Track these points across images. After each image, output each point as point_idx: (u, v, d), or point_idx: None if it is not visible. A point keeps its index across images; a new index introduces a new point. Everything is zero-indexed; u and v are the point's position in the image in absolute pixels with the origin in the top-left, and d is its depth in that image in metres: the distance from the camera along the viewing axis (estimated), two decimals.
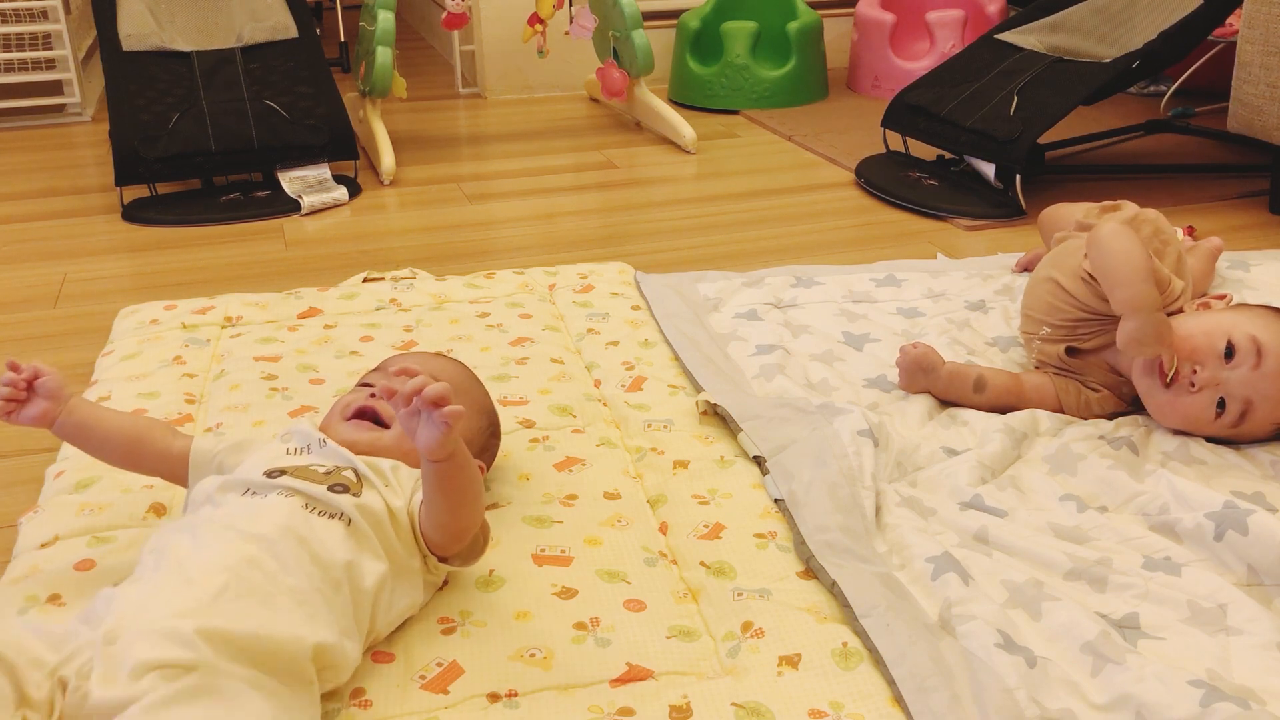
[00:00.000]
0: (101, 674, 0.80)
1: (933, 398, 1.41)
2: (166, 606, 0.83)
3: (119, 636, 0.81)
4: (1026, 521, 1.16)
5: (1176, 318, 1.33)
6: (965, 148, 2.26)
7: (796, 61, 3.08)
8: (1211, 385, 1.25)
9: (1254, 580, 1.07)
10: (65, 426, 1.06)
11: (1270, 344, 1.24)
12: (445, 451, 0.92)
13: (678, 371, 1.50)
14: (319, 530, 0.93)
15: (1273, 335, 1.24)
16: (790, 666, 0.96)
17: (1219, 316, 1.30)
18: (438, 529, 0.99)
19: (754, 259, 1.97)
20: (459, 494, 0.96)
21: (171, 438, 1.09)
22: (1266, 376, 1.23)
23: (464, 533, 1.00)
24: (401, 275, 1.84)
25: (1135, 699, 0.91)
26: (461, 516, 0.99)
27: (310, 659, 0.86)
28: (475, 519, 1.00)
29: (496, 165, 2.64)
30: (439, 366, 1.18)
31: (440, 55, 3.94)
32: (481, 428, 1.18)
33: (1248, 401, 1.24)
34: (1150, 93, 3.08)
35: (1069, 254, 1.46)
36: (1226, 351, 1.25)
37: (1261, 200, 2.23)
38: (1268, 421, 1.26)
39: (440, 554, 1.01)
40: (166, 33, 2.48)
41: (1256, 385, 1.24)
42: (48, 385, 1.05)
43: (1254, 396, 1.24)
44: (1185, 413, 1.28)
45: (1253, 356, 1.24)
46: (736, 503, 1.20)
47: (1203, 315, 1.32)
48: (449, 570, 1.04)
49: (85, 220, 2.24)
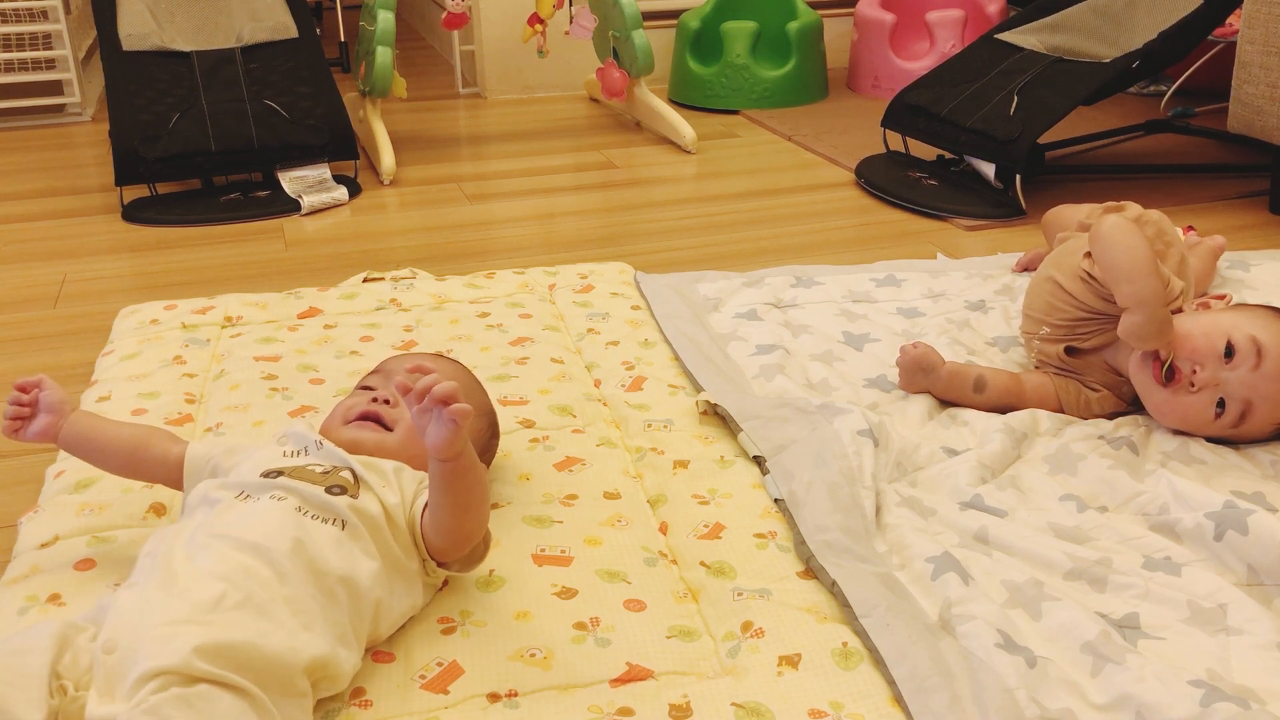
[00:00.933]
0: (100, 686, 0.80)
1: (933, 398, 1.41)
2: (162, 616, 0.83)
3: (117, 646, 0.81)
4: (1026, 521, 1.16)
5: (1176, 317, 1.33)
6: (965, 148, 2.26)
7: (796, 61, 3.08)
8: (1211, 385, 1.25)
9: (1254, 580, 1.07)
10: (67, 439, 1.07)
11: (1270, 344, 1.23)
12: (454, 450, 0.92)
13: (678, 371, 1.50)
14: (315, 535, 0.93)
15: (1272, 335, 1.24)
16: (790, 666, 0.96)
17: (1219, 316, 1.30)
18: (442, 533, 0.98)
19: (754, 259, 1.97)
20: (466, 495, 0.96)
21: (171, 444, 1.09)
22: (1266, 377, 1.23)
23: (468, 538, 1.00)
24: (401, 275, 1.84)
25: (1135, 699, 0.91)
26: (467, 520, 0.98)
27: (304, 672, 0.86)
28: (480, 524, 1.00)
29: (496, 165, 2.64)
30: (440, 368, 1.18)
31: (440, 55, 3.94)
32: (482, 429, 1.18)
33: (1247, 402, 1.24)
34: (1150, 93, 3.08)
35: (1069, 254, 1.46)
36: (1226, 351, 1.25)
37: (1261, 200, 2.23)
38: (1267, 422, 1.26)
39: (441, 559, 1.01)
40: (166, 33, 2.48)
41: (1256, 386, 1.23)
42: (49, 400, 1.06)
43: (1253, 397, 1.24)
44: (1184, 413, 1.28)
45: (1253, 357, 1.23)
46: (736, 503, 1.20)
47: (1203, 315, 1.32)
48: (442, 571, 1.04)
49: (85, 220, 2.24)
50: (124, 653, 0.81)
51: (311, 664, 0.86)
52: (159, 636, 0.81)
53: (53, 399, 1.06)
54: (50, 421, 1.06)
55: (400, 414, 1.08)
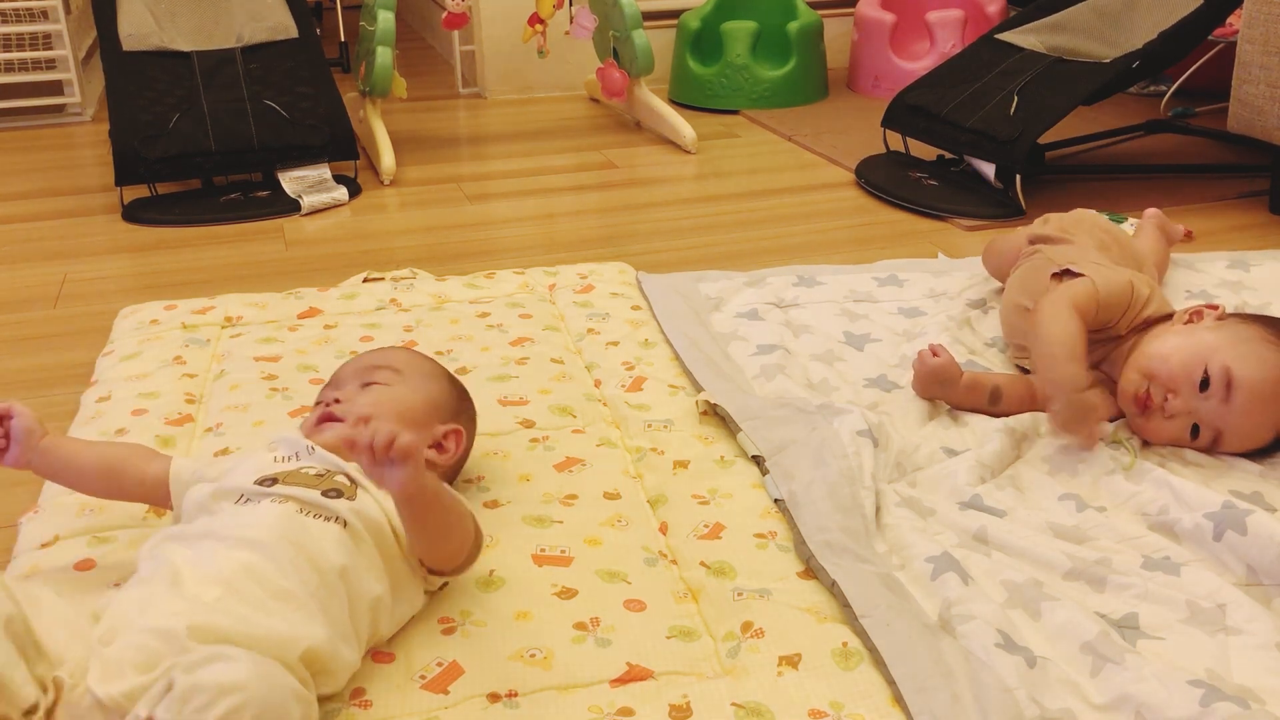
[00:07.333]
0: (99, 674, 0.80)
1: None
2: (163, 609, 0.84)
3: (115, 639, 0.82)
4: (1026, 521, 1.16)
5: (1161, 333, 1.32)
6: (965, 148, 2.26)
7: (796, 61, 3.08)
8: (1185, 413, 1.26)
9: (1253, 580, 1.07)
10: (41, 466, 1.06)
11: (1242, 377, 1.23)
12: (414, 487, 0.93)
13: (678, 371, 1.50)
14: (314, 533, 0.93)
15: (1248, 367, 1.23)
16: (790, 666, 0.96)
17: (1202, 337, 1.28)
18: (426, 556, 1.00)
19: (754, 259, 1.97)
20: (438, 523, 0.97)
21: (148, 461, 1.08)
22: (1234, 411, 1.23)
23: (453, 556, 1.01)
24: (401, 275, 1.84)
25: (1135, 699, 0.91)
26: (448, 544, 0.99)
27: (300, 660, 0.86)
28: (462, 542, 1.00)
29: (496, 165, 2.64)
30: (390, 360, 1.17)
31: (440, 55, 3.94)
32: (445, 391, 1.17)
33: (1219, 430, 1.25)
34: (1150, 93, 3.08)
35: (1033, 277, 1.47)
36: (1202, 382, 1.25)
37: (1261, 200, 2.23)
38: (1240, 448, 1.26)
39: (433, 570, 1.01)
40: (167, 33, 2.48)
41: (1225, 418, 1.24)
42: (19, 429, 1.04)
43: (1223, 427, 1.25)
44: (1159, 435, 1.29)
45: (1223, 390, 1.24)
46: (736, 503, 1.20)
47: (1186, 335, 1.30)
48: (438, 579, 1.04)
49: (85, 220, 2.24)
50: (121, 643, 0.81)
51: (308, 653, 0.86)
52: (156, 627, 0.82)
53: (19, 430, 1.04)
54: (22, 451, 1.04)
55: (348, 407, 1.09)
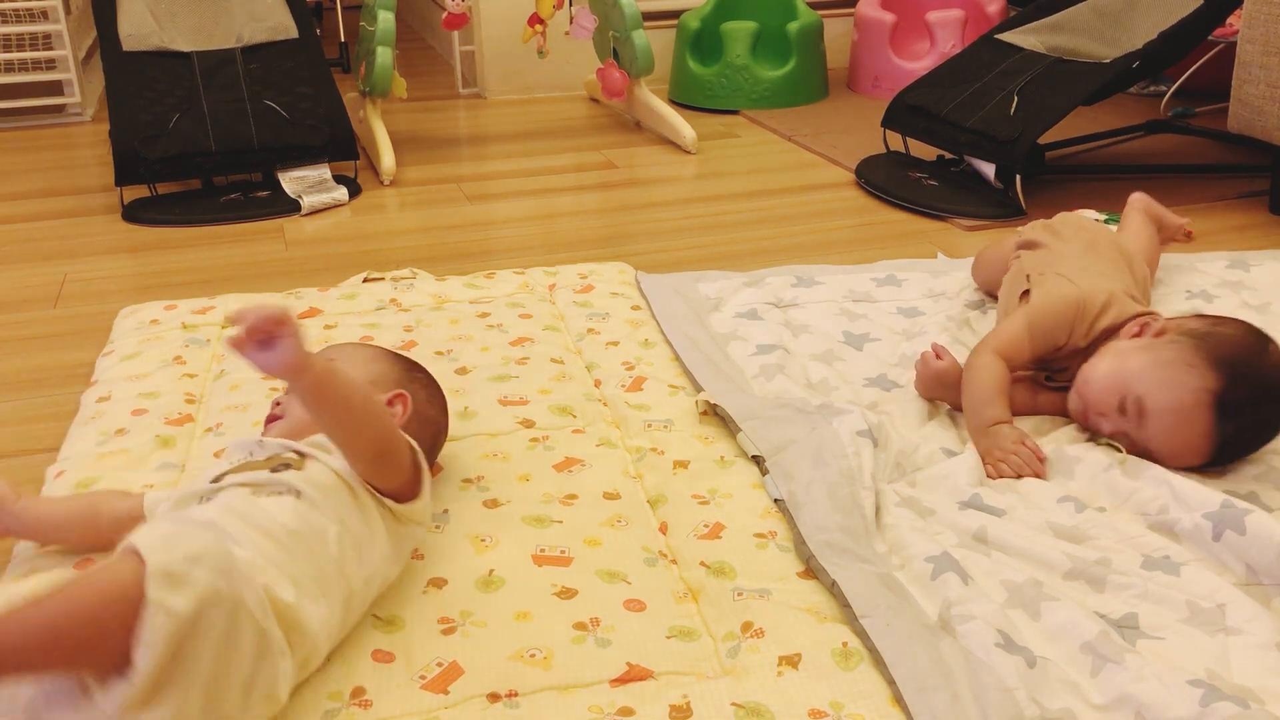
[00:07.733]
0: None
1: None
2: None
3: None
4: (1025, 521, 1.16)
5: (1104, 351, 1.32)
6: (965, 148, 2.26)
7: (796, 61, 3.08)
8: (1116, 434, 1.27)
9: (1252, 580, 1.07)
10: (19, 530, 1.08)
11: (1152, 406, 1.23)
12: (297, 362, 0.92)
13: (678, 371, 1.50)
14: (268, 507, 0.94)
15: (1161, 394, 1.23)
16: (790, 666, 0.96)
17: (1126, 361, 1.28)
18: (352, 458, 0.99)
19: (754, 259, 1.97)
20: (340, 407, 0.97)
21: (119, 501, 1.10)
22: (1153, 436, 1.24)
23: (375, 450, 1.00)
24: (401, 275, 1.85)
25: (1135, 699, 0.91)
26: (361, 432, 0.98)
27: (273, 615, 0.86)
28: (375, 429, 1.00)
29: (496, 165, 2.64)
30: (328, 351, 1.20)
31: (440, 55, 3.94)
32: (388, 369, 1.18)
33: (1147, 449, 1.25)
34: (1150, 93, 3.08)
35: (1009, 294, 1.50)
36: (1120, 407, 1.26)
37: (1261, 200, 2.23)
38: (1178, 464, 1.24)
39: (383, 490, 1.01)
40: (167, 33, 2.48)
41: (1148, 440, 1.24)
42: None
43: (1150, 447, 1.25)
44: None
45: (1136, 419, 1.25)
46: (736, 503, 1.20)
47: (1117, 356, 1.30)
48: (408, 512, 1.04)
49: (85, 220, 2.24)
50: None
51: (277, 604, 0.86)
52: None
53: None
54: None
55: (287, 404, 1.11)
